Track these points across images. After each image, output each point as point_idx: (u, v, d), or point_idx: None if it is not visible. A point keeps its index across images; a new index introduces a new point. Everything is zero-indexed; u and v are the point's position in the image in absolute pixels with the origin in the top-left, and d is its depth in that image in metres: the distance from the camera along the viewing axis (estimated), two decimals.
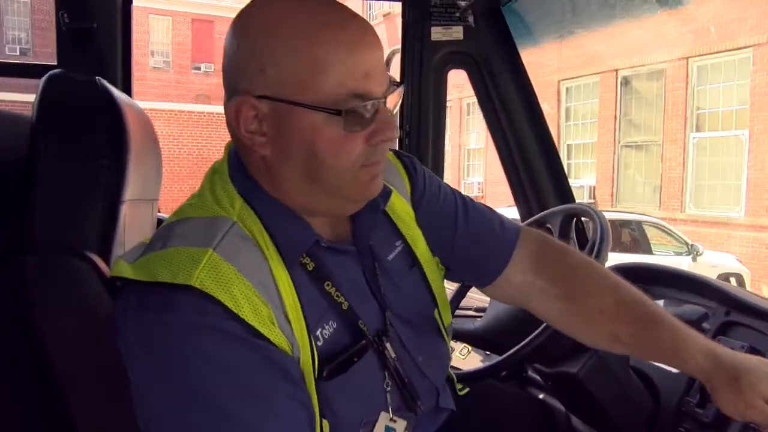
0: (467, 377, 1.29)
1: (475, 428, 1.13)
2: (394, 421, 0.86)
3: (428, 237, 0.99)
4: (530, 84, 1.82)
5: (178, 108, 16.77)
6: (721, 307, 1.29)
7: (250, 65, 0.76)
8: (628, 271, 1.58)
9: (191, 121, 16.44)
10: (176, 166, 15.15)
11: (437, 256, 1.01)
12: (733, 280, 8.56)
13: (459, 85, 1.91)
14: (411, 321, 0.93)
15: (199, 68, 20.65)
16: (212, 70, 20.07)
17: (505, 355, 1.23)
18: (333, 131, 0.76)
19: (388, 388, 0.86)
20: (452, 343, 1.82)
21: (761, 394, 0.83)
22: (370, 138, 0.78)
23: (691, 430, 1.21)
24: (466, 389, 1.15)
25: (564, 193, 1.80)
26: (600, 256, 1.19)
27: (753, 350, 1.16)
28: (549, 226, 1.43)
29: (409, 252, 0.96)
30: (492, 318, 1.39)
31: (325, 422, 0.79)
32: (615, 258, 1.70)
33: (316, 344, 0.78)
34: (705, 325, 1.23)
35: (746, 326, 1.23)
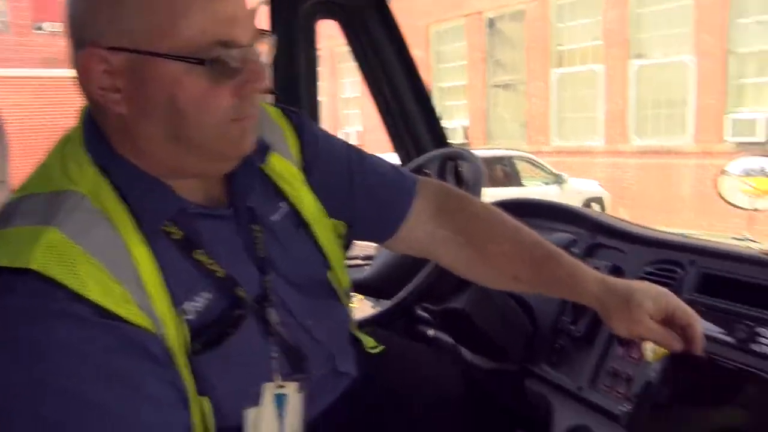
0: (365, 324, 1.32)
1: (383, 387, 1.14)
2: (282, 387, 0.83)
3: (325, 195, 0.96)
4: (400, 31, 1.82)
5: (22, 74, 15.20)
6: (588, 232, 1.40)
7: (98, 12, 0.69)
8: (504, 207, 1.67)
9: (42, 88, 14.99)
10: (29, 139, 13.85)
11: (336, 215, 0.99)
12: (595, 205, 9.30)
13: (329, 36, 1.87)
14: (299, 284, 0.90)
15: (41, 28, 18.73)
16: (59, 29, 18.34)
17: (394, 300, 1.27)
18: (196, 83, 0.70)
19: (275, 355, 0.83)
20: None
21: (647, 310, 0.89)
22: (238, 89, 0.73)
23: (566, 345, 1.32)
24: (380, 347, 1.15)
25: (439, 136, 1.85)
26: (475, 194, 1.25)
27: (615, 268, 1.28)
28: (427, 170, 1.47)
29: (294, 212, 0.92)
30: (380, 265, 1.42)
31: (205, 400, 0.75)
32: (491, 193, 1.78)
33: (185, 318, 0.74)
34: (574, 249, 1.33)
35: (609, 247, 1.34)
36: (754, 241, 1.58)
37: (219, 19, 0.70)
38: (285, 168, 0.93)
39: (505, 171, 9.43)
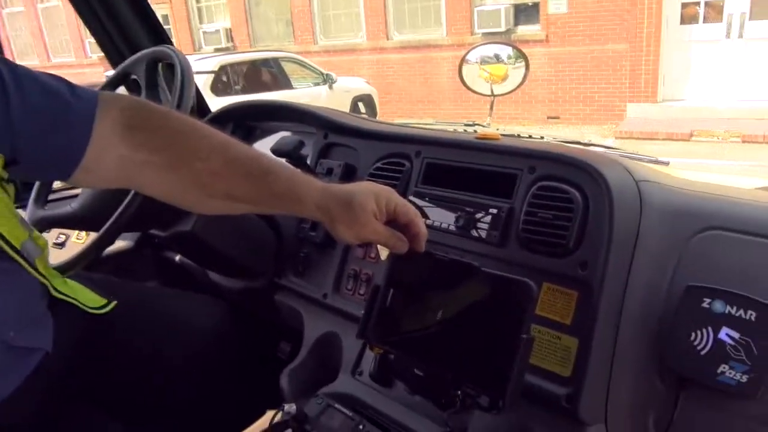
0: (68, 267, 1.12)
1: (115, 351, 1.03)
2: None
3: None
4: None
5: None
6: (320, 131, 1.32)
7: None
8: (235, 113, 1.52)
9: None
10: None
11: None
12: (361, 105, 9.48)
13: None
14: None
15: None
16: None
17: (98, 234, 1.08)
18: None
19: None
20: (65, 231, 1.60)
21: (371, 210, 0.82)
22: None
23: (310, 253, 1.26)
24: (110, 304, 1.00)
25: (158, 34, 1.60)
26: (182, 101, 1.07)
27: (348, 166, 1.23)
28: (134, 77, 1.25)
29: None
30: (87, 193, 1.20)
31: None
32: (261, 98, 1.60)
33: None
34: (304, 151, 1.23)
35: (342, 145, 1.28)
36: (483, 126, 1.64)
37: None
38: None
39: (272, 74, 9.10)
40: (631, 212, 0.84)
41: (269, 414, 1.57)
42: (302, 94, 8.55)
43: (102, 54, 1.61)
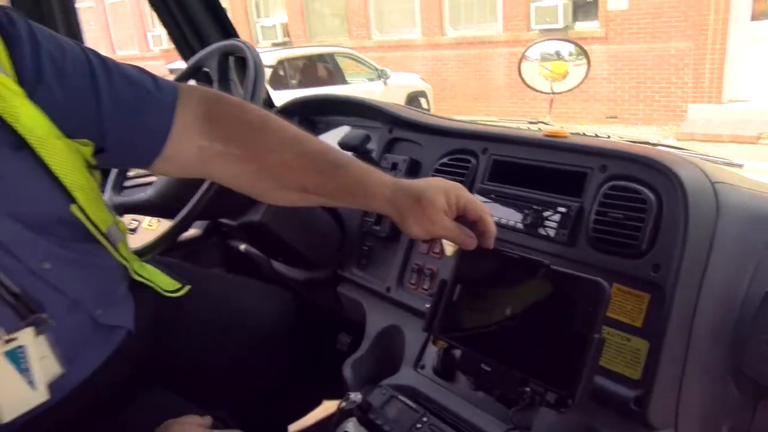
0: (146, 251, 1.17)
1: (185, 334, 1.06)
2: (12, 340, 0.71)
3: (60, 113, 0.77)
4: None
5: None
6: (385, 126, 1.33)
7: None
8: (300, 107, 1.55)
9: None
10: None
11: (80, 135, 0.80)
12: (421, 99, 9.49)
13: None
14: (27, 220, 0.75)
15: None
16: None
17: (174, 221, 1.12)
18: None
19: None
20: (137, 217, 1.67)
21: (441, 206, 0.83)
22: None
23: (373, 246, 1.28)
24: (184, 288, 1.04)
25: (225, 28, 1.65)
26: (255, 95, 1.10)
27: (413, 161, 1.24)
28: (206, 69, 1.29)
29: (8, 131, 0.73)
30: (163, 181, 1.25)
31: None
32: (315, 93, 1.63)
33: None
34: (370, 145, 1.25)
35: (407, 141, 1.29)
36: (546, 124, 1.62)
37: None
38: None
39: (328, 69, 9.19)
40: (707, 214, 0.82)
41: (326, 404, 1.60)
42: (357, 89, 8.60)
43: (163, 47, 1.67)
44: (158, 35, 13.62)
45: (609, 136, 1.40)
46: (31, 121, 0.75)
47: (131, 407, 0.93)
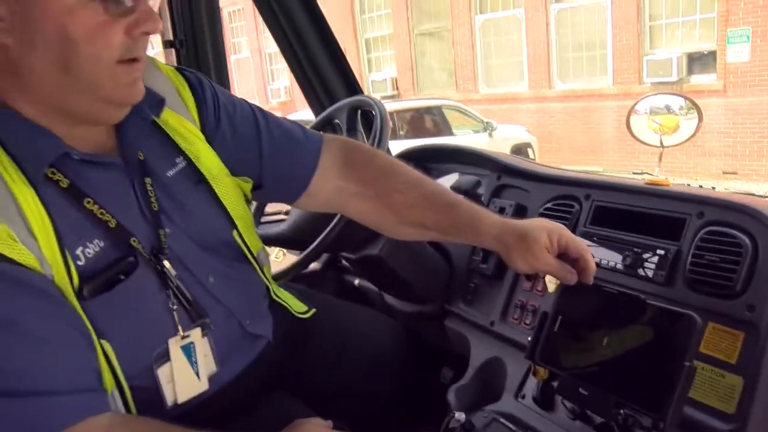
0: (281, 275, 1.34)
1: (311, 351, 1.19)
2: (187, 337, 0.87)
3: (230, 154, 0.97)
4: None
5: None
6: (493, 173, 1.45)
7: None
8: (416, 154, 1.71)
9: None
10: None
11: (244, 172, 1.00)
12: (528, 150, 9.53)
13: None
14: (201, 241, 0.92)
15: None
16: None
17: (307, 250, 1.29)
18: (90, 14, 0.71)
19: (174, 307, 0.86)
20: (267, 249, 1.87)
21: (544, 244, 0.94)
22: (131, 29, 0.74)
23: (479, 283, 1.38)
24: (311, 311, 1.18)
25: (351, 86, 1.84)
26: (381, 143, 1.27)
27: (519, 206, 1.34)
28: (337, 121, 1.47)
29: (193, 169, 0.92)
30: (296, 218, 1.43)
31: (105, 342, 0.77)
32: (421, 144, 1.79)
33: (75, 263, 0.75)
34: (480, 190, 1.37)
35: (514, 187, 1.40)
36: (650, 174, 1.67)
37: None
38: (181, 124, 0.93)
39: (435, 121, 9.46)
40: None
41: None
42: (462, 141, 8.77)
43: (281, 100, 1.88)
44: (276, 89, 14.58)
45: (713, 187, 1.44)
46: (209, 161, 0.95)
47: (263, 407, 1.07)
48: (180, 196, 0.90)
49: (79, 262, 0.76)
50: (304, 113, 6.48)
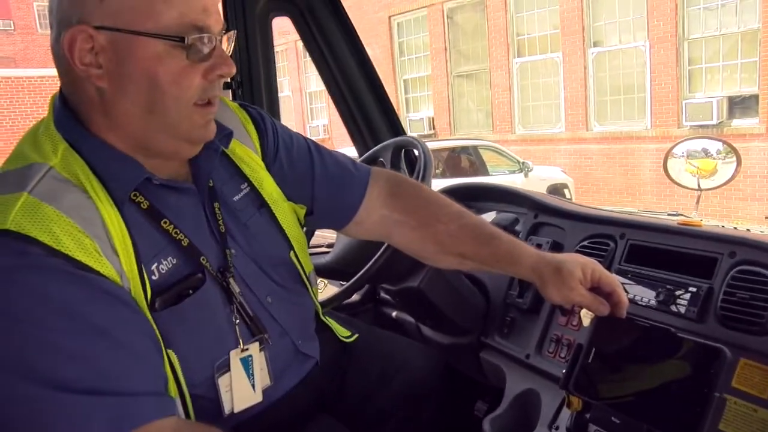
0: (327, 303, 1.41)
1: (352, 375, 1.24)
2: (246, 350, 0.93)
3: (287, 182, 1.06)
4: (351, 24, 1.90)
5: None
6: (531, 212, 1.51)
7: None
8: (455, 191, 1.77)
9: None
10: None
11: (298, 199, 1.08)
12: (565, 191, 9.51)
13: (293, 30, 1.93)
14: (261, 262, 0.99)
15: None
16: (12, 27, 17.82)
17: (353, 279, 1.36)
18: (176, 61, 0.79)
19: (237, 321, 0.93)
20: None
21: (578, 276, 1.00)
22: (208, 72, 0.83)
23: (515, 317, 1.43)
24: (354, 336, 1.24)
25: (395, 126, 1.94)
26: (425, 179, 1.34)
27: (555, 243, 1.39)
28: (381, 159, 1.56)
29: (256, 194, 1.01)
30: (341, 250, 1.51)
31: (171, 352, 0.84)
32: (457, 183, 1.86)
33: (150, 278, 0.83)
34: (517, 228, 1.43)
35: (550, 225, 1.45)
36: (682, 215, 1.70)
37: (194, 7, 0.80)
38: (246, 153, 1.02)
39: (471, 160, 9.55)
40: None
41: None
42: (498, 180, 8.82)
43: (320, 137, 1.97)
44: (315, 127, 14.92)
45: (748, 229, 1.47)
46: (270, 187, 1.04)
47: (309, 427, 1.12)
48: (244, 218, 0.98)
49: (154, 277, 0.83)
50: (342, 151, 6.63)
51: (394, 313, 1.83)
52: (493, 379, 1.46)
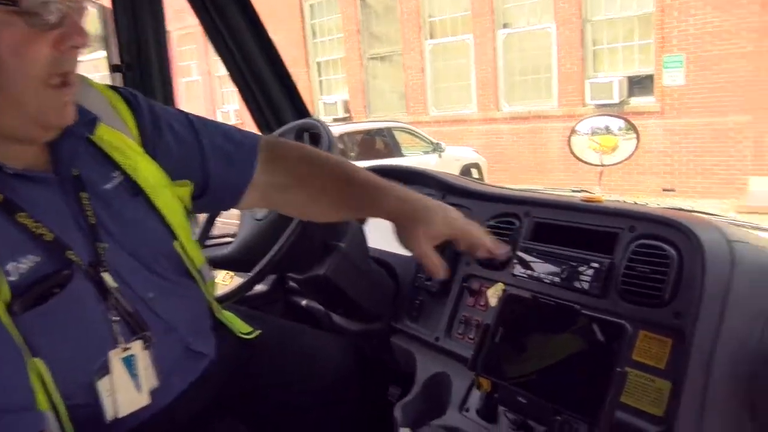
0: (226, 298, 1.33)
1: (254, 372, 1.19)
2: (127, 349, 0.86)
3: (172, 161, 0.98)
4: (252, 6, 1.81)
5: None
6: (438, 192, 1.49)
7: None
8: None
9: None
10: None
11: (189, 176, 1.00)
12: (473, 171, 9.71)
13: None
14: (140, 255, 0.91)
15: None
16: None
17: (252, 271, 1.29)
18: (13, 29, 0.71)
19: (115, 319, 0.85)
20: (213, 272, 1.85)
21: (428, 233, 0.99)
22: (58, 42, 0.74)
23: (424, 300, 1.41)
24: (256, 332, 1.18)
25: (299, 109, 1.87)
26: None
27: None
28: None
29: (130, 181, 0.92)
30: (242, 239, 1.43)
31: (39, 361, 0.76)
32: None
33: (7, 278, 0.75)
34: None
35: (458, 205, 1.43)
36: (587, 192, 1.74)
37: None
38: (117, 138, 0.93)
39: (385, 142, 9.56)
40: (723, 269, 0.92)
41: None
42: (412, 161, 8.88)
43: (231, 123, 1.90)
44: (226, 112, 14.49)
45: (646, 203, 1.51)
46: (146, 172, 0.95)
47: (207, 429, 1.06)
48: (117, 209, 0.90)
49: (11, 278, 0.75)
50: None
51: (304, 302, 1.77)
52: (404, 365, 1.44)
